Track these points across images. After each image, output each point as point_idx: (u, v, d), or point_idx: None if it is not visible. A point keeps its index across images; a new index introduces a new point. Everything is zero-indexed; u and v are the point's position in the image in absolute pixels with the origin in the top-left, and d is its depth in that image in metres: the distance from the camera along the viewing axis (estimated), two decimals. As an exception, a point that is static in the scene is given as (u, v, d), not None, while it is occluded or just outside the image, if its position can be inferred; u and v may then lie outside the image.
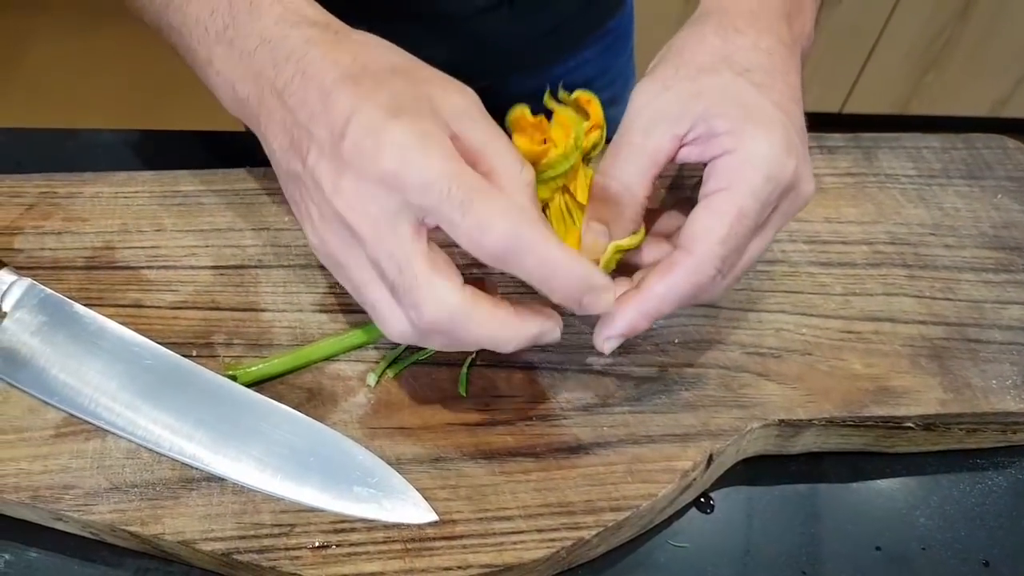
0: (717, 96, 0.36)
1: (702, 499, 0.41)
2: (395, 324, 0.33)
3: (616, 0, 0.67)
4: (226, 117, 0.39)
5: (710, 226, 0.35)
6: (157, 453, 0.38)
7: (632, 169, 0.37)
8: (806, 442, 0.41)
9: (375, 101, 0.32)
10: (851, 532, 0.41)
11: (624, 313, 0.35)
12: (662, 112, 0.36)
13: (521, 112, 0.36)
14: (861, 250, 0.47)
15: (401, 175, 0.31)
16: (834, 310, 0.44)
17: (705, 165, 0.36)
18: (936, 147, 0.53)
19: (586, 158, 0.38)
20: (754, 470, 0.42)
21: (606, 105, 0.38)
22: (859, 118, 1.85)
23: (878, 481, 0.42)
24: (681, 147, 0.37)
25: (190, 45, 0.38)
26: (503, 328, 0.33)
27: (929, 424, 0.41)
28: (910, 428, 0.41)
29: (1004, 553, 0.41)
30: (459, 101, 0.33)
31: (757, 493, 0.42)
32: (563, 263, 0.32)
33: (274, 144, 0.35)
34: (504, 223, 0.31)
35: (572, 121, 0.37)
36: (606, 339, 0.36)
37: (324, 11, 0.36)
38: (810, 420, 0.40)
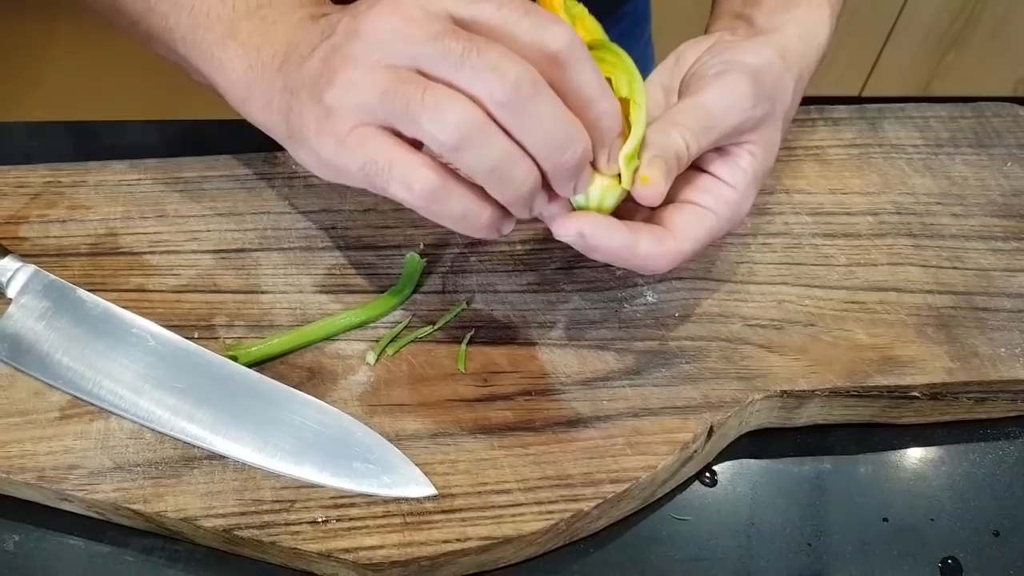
0: (767, 115, 0.39)
1: (706, 473, 0.41)
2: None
3: None
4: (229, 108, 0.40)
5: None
6: (160, 433, 0.38)
7: (698, 147, 0.37)
8: (811, 414, 0.41)
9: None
10: (858, 504, 0.40)
11: (665, 254, 0.36)
12: (748, 119, 0.38)
13: None
14: (866, 221, 0.46)
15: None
16: (837, 281, 0.43)
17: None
18: (944, 116, 0.52)
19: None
20: (758, 443, 0.42)
21: None
22: (879, 100, 1.83)
23: (885, 453, 0.42)
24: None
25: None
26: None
27: (936, 393, 0.40)
28: (916, 398, 0.40)
29: (1014, 523, 0.40)
30: None
31: (761, 466, 0.41)
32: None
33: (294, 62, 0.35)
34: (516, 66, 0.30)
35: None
36: (570, 230, 0.35)
37: None
38: (813, 391, 0.39)
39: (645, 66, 0.74)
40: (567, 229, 0.34)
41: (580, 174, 0.33)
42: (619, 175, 0.35)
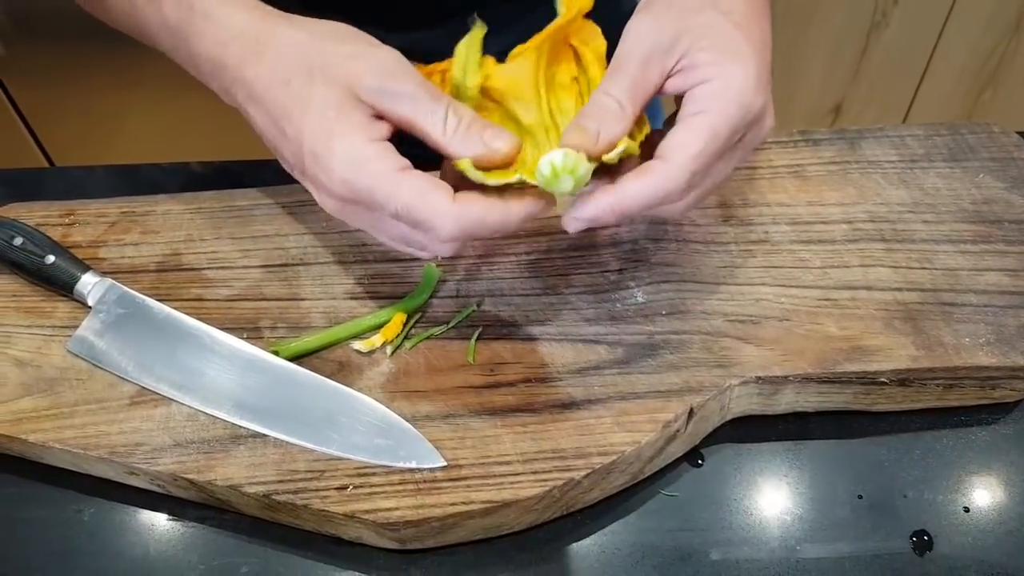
0: (701, 33, 0.40)
1: (694, 456, 0.45)
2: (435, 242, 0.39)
3: None
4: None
5: (686, 141, 0.38)
6: (212, 416, 0.44)
7: (627, 95, 0.39)
8: (788, 400, 0.45)
9: (314, 120, 0.38)
10: (834, 482, 0.44)
11: (597, 203, 0.38)
12: (655, 46, 0.40)
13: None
14: (841, 228, 0.50)
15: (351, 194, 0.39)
16: (812, 281, 0.48)
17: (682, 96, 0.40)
18: (919, 135, 0.56)
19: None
20: (742, 429, 0.46)
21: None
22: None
23: (862, 438, 0.45)
24: (667, 79, 0.40)
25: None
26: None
27: (904, 379, 0.44)
28: (884, 384, 0.44)
29: (984, 500, 0.43)
30: (373, 80, 0.38)
31: (745, 449, 0.45)
32: (516, 205, 0.38)
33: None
34: (447, 228, 0.37)
35: (464, 48, 0.40)
36: (573, 219, 0.39)
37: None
38: (786, 376, 0.43)
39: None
40: (576, 226, 0.39)
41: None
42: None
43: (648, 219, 0.46)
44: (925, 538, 0.42)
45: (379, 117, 0.39)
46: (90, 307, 0.49)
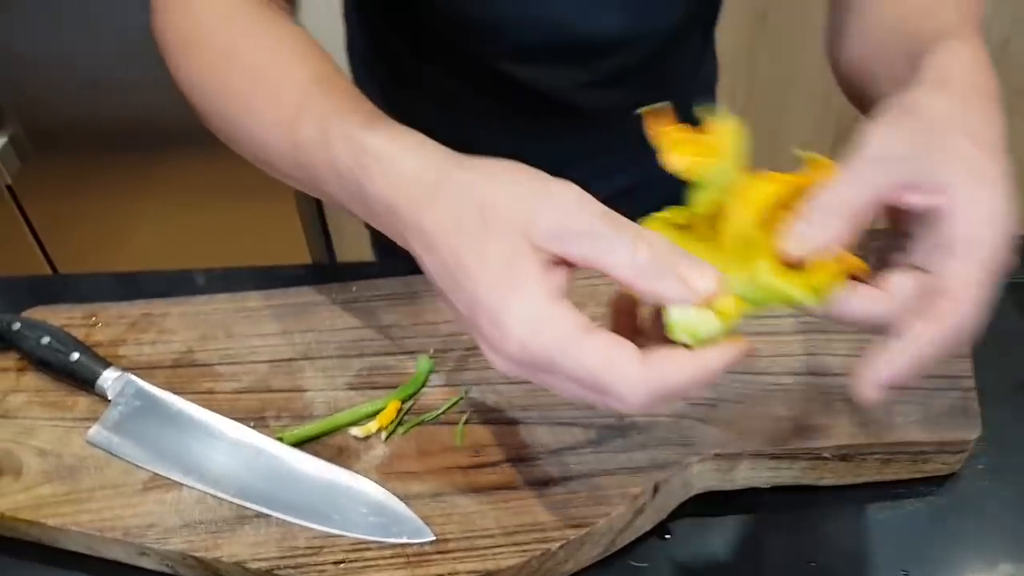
0: (950, 157, 0.37)
1: (661, 529, 0.49)
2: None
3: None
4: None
5: (968, 271, 0.35)
6: (220, 498, 0.49)
7: (855, 191, 0.37)
8: (744, 476, 0.50)
9: (487, 277, 0.36)
10: (788, 550, 0.48)
11: (895, 362, 0.36)
12: (892, 150, 0.37)
13: (665, 122, 0.38)
14: (788, 321, 0.56)
15: (526, 358, 0.36)
16: (763, 368, 0.53)
17: (911, 216, 0.38)
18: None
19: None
20: (705, 504, 0.50)
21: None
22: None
23: (810, 509, 0.50)
24: (908, 192, 0.37)
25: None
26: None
27: (844, 455, 0.49)
28: (827, 459, 0.49)
29: (921, 564, 0.47)
30: (549, 223, 0.35)
31: (708, 522, 0.50)
32: (706, 365, 0.35)
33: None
34: (634, 393, 0.35)
35: (728, 130, 0.37)
36: (874, 386, 0.37)
37: (424, 154, 0.40)
38: (740, 453, 0.48)
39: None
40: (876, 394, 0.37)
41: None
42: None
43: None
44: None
45: (558, 262, 0.36)
46: (109, 400, 0.53)
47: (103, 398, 0.54)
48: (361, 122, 0.42)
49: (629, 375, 0.34)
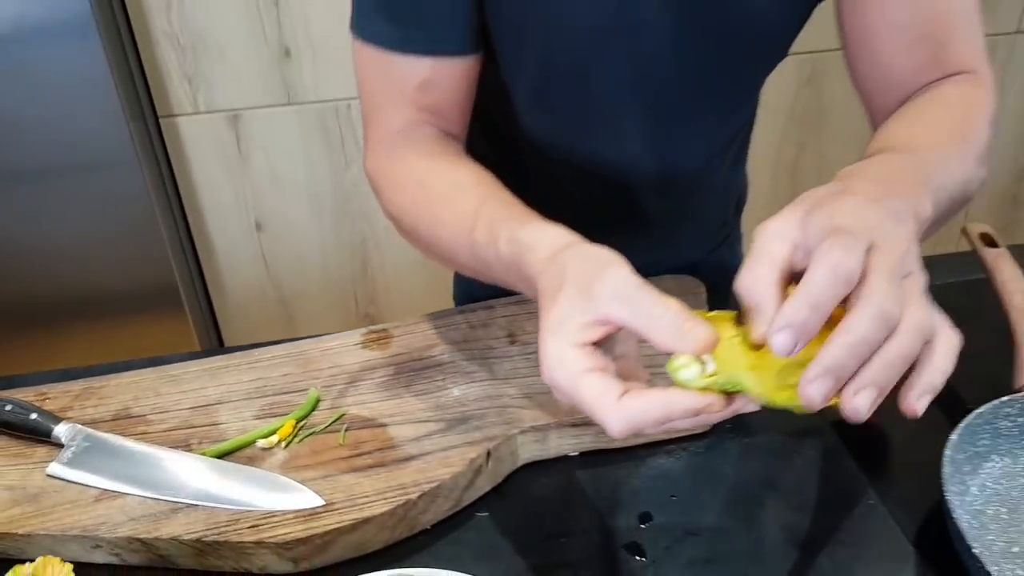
0: (836, 207, 0.44)
1: (499, 486, 0.66)
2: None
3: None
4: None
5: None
6: (156, 499, 0.63)
7: (766, 268, 0.44)
8: (556, 444, 0.67)
9: (548, 322, 0.48)
10: (591, 493, 0.66)
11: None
12: (786, 229, 0.45)
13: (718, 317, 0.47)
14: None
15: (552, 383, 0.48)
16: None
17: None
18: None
19: None
20: (532, 469, 0.68)
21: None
22: None
23: (607, 467, 0.68)
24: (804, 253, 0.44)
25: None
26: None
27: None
28: (612, 423, 0.67)
29: (688, 490, 0.65)
30: (607, 289, 0.47)
31: (534, 480, 0.67)
32: (672, 405, 0.44)
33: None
34: (613, 425, 0.44)
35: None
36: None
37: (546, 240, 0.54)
38: (548, 424, 0.66)
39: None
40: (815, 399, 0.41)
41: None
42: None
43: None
44: (648, 515, 0.63)
45: (601, 323, 0.47)
46: (63, 445, 0.68)
47: (58, 445, 0.68)
48: (517, 224, 0.58)
49: (610, 413, 0.45)
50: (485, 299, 0.81)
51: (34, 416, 0.69)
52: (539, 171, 0.84)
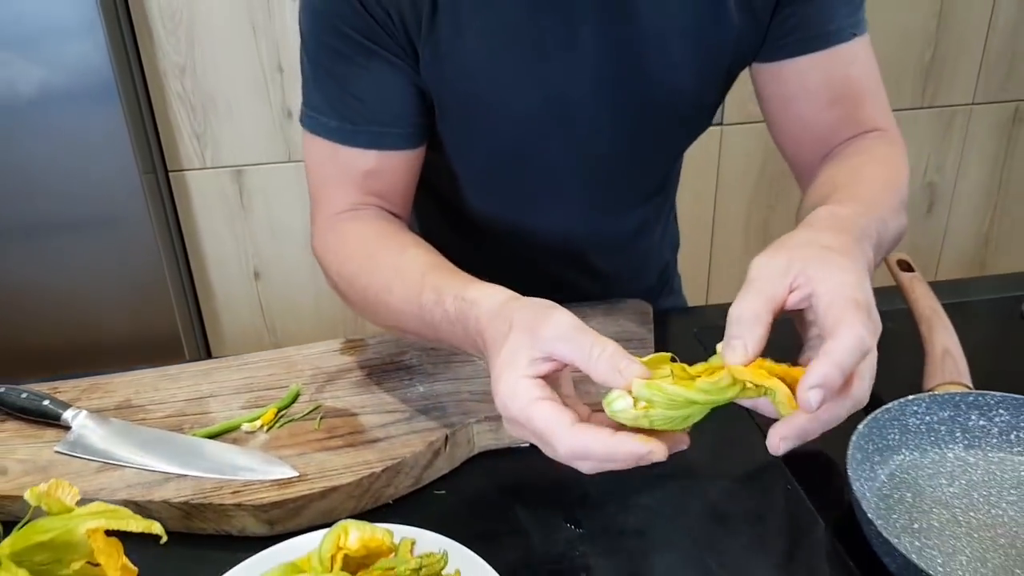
0: (811, 259, 0.53)
1: (456, 470, 0.74)
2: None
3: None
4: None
5: (840, 342, 0.49)
6: (151, 470, 0.71)
7: (765, 306, 0.51)
8: (511, 435, 0.76)
9: (498, 361, 0.54)
10: (535, 480, 0.74)
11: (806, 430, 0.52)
12: (776, 269, 0.53)
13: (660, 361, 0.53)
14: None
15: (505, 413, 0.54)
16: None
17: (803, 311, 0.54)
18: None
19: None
20: (487, 456, 0.76)
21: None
22: None
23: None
24: (790, 293, 0.53)
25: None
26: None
27: (568, 412, 0.76)
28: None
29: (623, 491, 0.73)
30: (550, 331, 0.52)
31: (490, 466, 0.75)
32: (618, 447, 0.49)
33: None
34: (561, 447, 0.50)
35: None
36: (782, 440, 0.52)
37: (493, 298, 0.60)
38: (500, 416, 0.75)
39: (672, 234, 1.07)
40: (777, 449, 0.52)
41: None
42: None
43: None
44: (586, 495, 0.71)
45: (547, 359, 0.52)
46: (70, 427, 0.76)
47: (66, 428, 0.76)
48: (461, 286, 0.64)
49: (561, 437, 0.50)
50: None
51: (46, 403, 0.78)
52: (489, 239, 0.92)
